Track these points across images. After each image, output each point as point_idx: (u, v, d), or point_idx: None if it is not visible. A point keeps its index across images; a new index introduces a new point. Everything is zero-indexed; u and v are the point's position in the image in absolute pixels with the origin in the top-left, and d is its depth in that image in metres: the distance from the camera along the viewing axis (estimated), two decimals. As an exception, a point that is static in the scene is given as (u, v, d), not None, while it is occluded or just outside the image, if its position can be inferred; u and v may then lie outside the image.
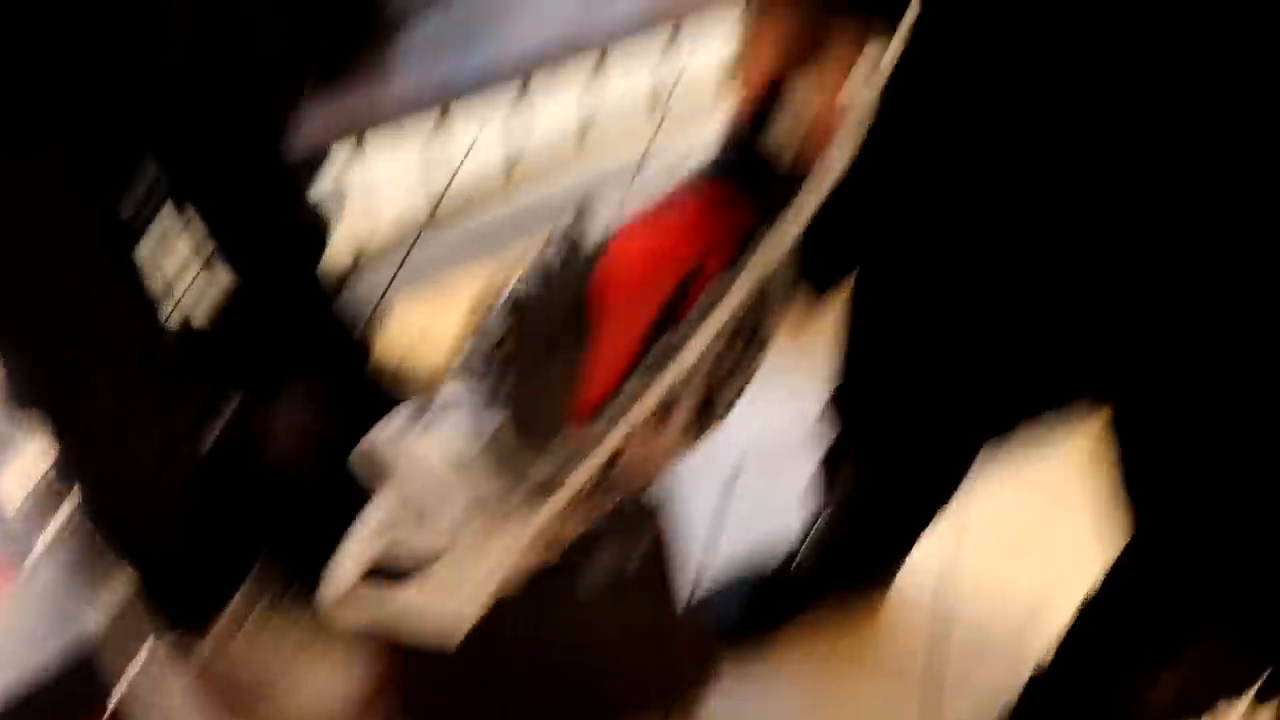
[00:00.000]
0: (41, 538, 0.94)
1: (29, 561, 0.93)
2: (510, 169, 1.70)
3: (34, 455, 0.98)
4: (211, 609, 1.08)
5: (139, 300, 0.89)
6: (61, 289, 0.79)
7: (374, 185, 1.61)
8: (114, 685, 0.91)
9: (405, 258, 1.63)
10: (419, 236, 1.65)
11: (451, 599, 0.74)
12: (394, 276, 1.61)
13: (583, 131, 1.75)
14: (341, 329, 1.25)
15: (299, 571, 1.20)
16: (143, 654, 0.87)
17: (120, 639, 0.91)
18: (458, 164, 1.69)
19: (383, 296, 1.58)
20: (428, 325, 1.55)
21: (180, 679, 0.89)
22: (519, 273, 0.65)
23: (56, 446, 0.89)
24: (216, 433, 1.06)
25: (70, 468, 0.92)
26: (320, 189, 1.22)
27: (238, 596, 1.11)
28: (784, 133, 0.62)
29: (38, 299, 0.79)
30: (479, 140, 1.71)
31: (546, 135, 1.73)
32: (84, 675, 0.90)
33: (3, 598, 0.91)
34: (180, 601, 0.99)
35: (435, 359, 1.44)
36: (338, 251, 1.29)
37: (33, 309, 0.79)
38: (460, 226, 1.68)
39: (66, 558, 0.94)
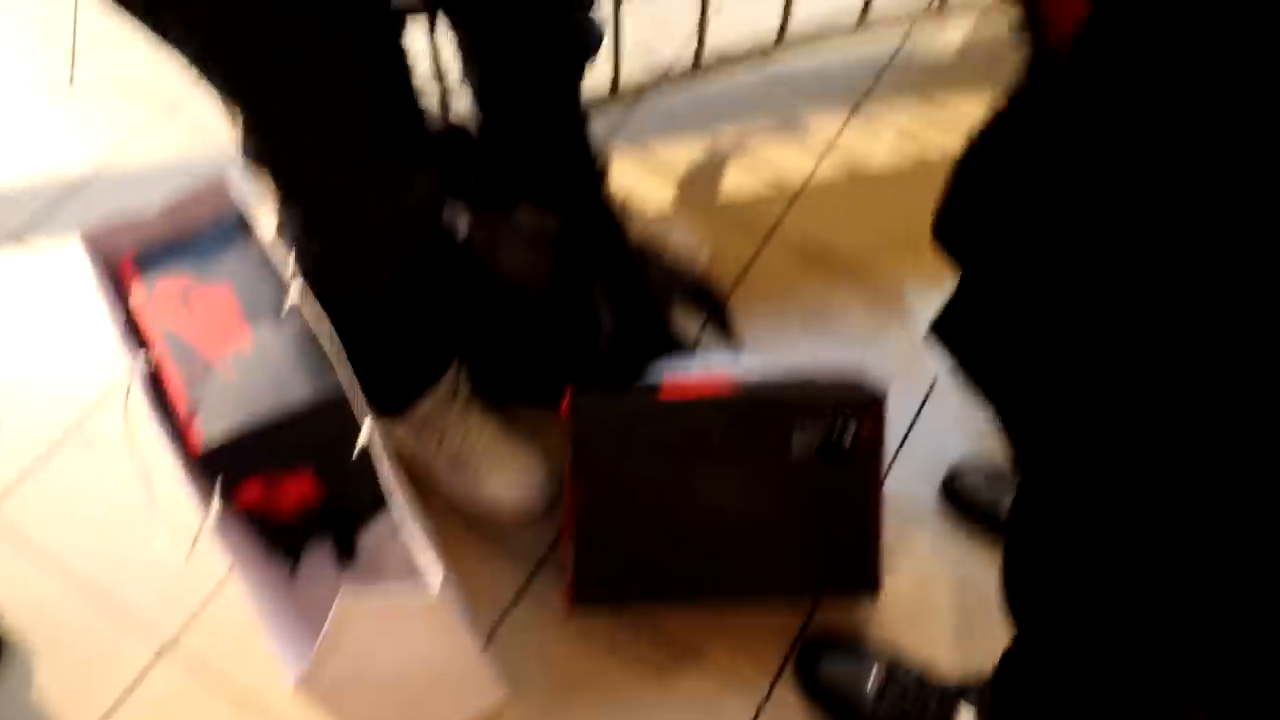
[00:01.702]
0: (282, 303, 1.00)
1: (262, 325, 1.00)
2: (781, 35, 1.62)
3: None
4: (410, 398, 1.14)
5: (395, 77, 0.89)
6: (311, 44, 0.79)
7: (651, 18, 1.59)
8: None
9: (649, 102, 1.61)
10: (672, 81, 1.62)
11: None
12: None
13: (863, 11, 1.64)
14: (583, 153, 1.25)
15: (496, 381, 1.25)
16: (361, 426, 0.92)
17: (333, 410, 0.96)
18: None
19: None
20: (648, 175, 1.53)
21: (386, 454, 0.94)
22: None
23: (287, 207, 0.93)
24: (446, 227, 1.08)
25: (296, 229, 0.96)
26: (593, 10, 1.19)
27: (434, 392, 1.16)
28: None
29: (285, 52, 0.79)
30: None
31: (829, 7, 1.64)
32: (295, 433, 0.97)
33: (233, 357, 0.98)
34: (383, 383, 1.04)
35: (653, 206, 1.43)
36: (595, 77, 1.28)
37: (280, 62, 0.80)
38: (719, 83, 1.63)
39: (295, 328, 0.99)
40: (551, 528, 1.22)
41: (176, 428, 0.96)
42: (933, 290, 1.39)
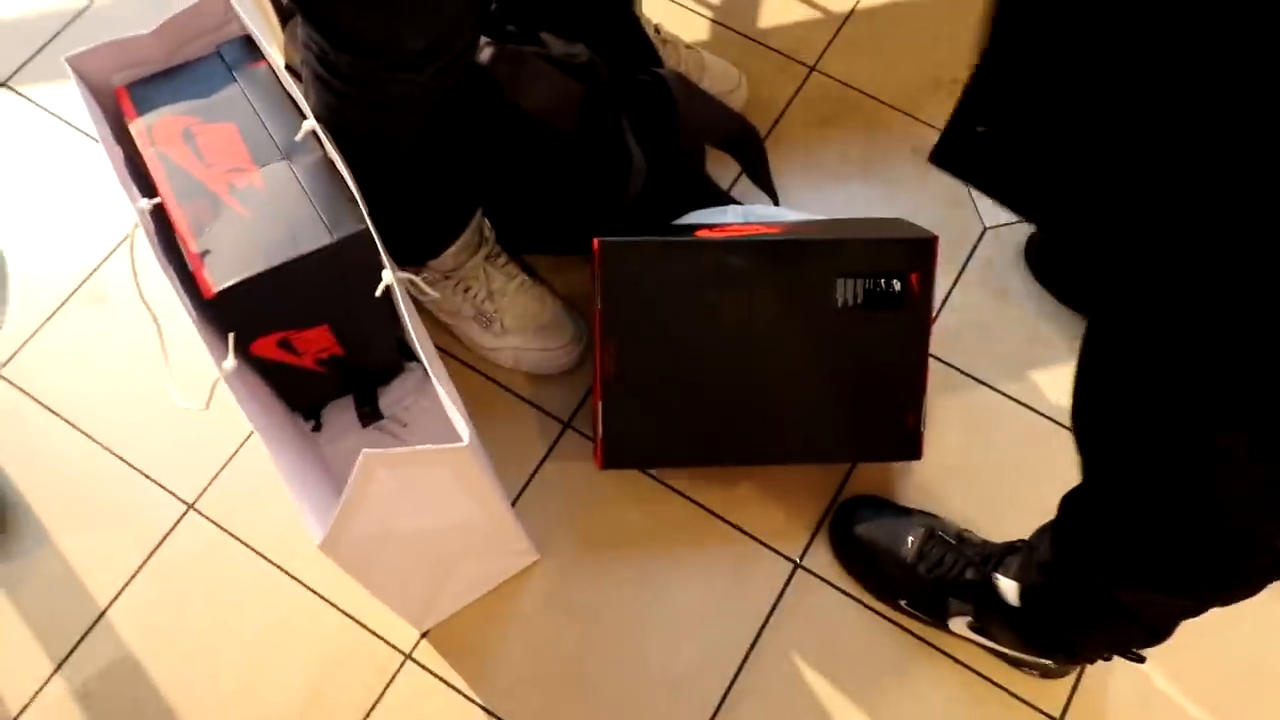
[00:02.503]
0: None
1: (274, 162, 0.92)
2: None
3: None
4: (433, 247, 1.07)
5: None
6: None
7: None
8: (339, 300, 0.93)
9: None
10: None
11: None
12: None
13: None
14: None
15: (523, 229, 1.17)
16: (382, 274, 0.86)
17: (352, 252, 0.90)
18: None
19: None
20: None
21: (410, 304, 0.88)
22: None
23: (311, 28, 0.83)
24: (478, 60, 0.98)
25: (319, 55, 0.86)
26: None
27: (458, 240, 1.09)
28: None
29: None
30: None
31: None
32: (313, 277, 0.91)
33: (245, 192, 0.91)
34: (405, 230, 0.96)
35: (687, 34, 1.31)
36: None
37: None
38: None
39: (309, 165, 0.92)
40: (582, 382, 1.17)
41: (186, 271, 0.90)
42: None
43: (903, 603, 1.04)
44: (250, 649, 1.06)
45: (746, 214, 1.14)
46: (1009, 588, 0.93)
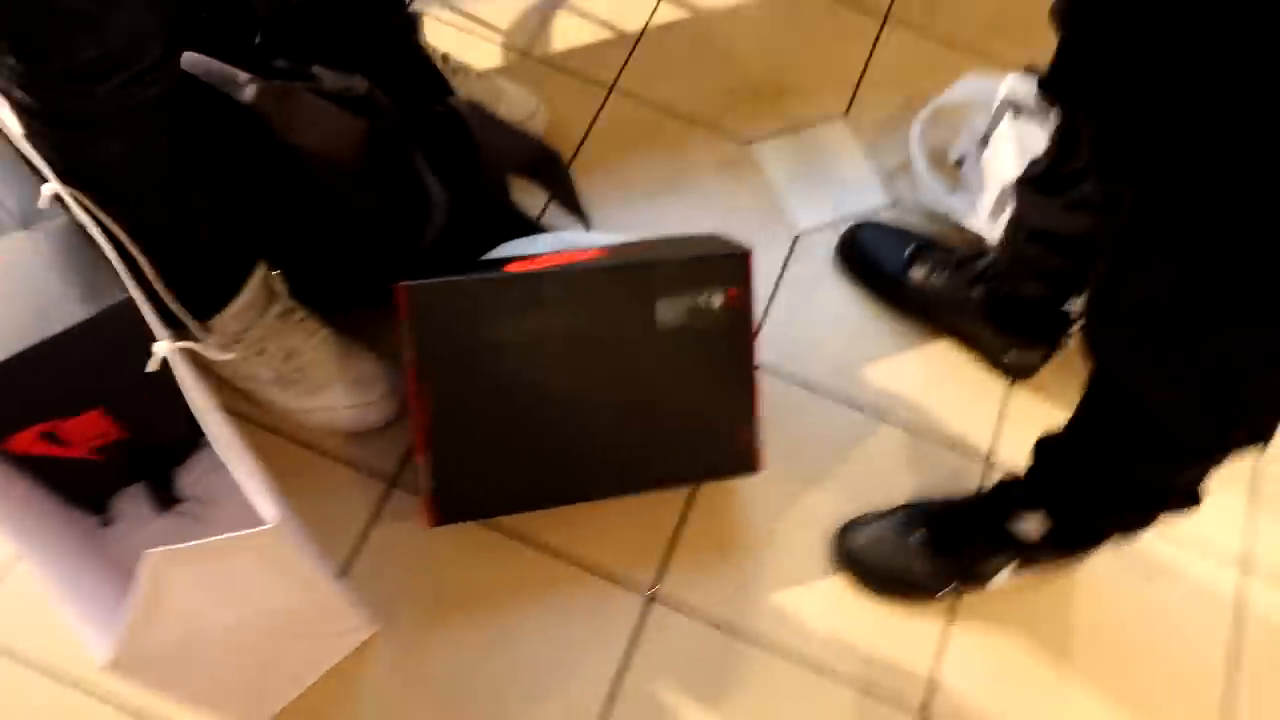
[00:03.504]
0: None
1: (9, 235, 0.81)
2: None
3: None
4: (209, 308, 0.97)
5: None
6: None
7: None
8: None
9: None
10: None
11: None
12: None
13: None
14: (391, 10, 1.07)
15: (317, 283, 1.09)
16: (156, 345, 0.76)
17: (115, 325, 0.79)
18: None
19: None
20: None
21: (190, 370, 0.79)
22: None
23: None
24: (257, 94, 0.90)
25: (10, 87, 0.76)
26: None
27: (239, 299, 1.00)
28: None
29: None
30: None
31: None
32: (71, 360, 0.80)
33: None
34: (178, 292, 0.87)
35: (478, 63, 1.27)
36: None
37: None
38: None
39: (54, 233, 0.81)
40: (403, 437, 1.10)
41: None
42: (785, 136, 1.33)
43: (944, 592, 1.04)
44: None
45: (558, 242, 1.10)
46: (1031, 526, 0.97)
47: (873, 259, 1.22)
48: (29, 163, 0.82)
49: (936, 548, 1.03)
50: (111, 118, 0.76)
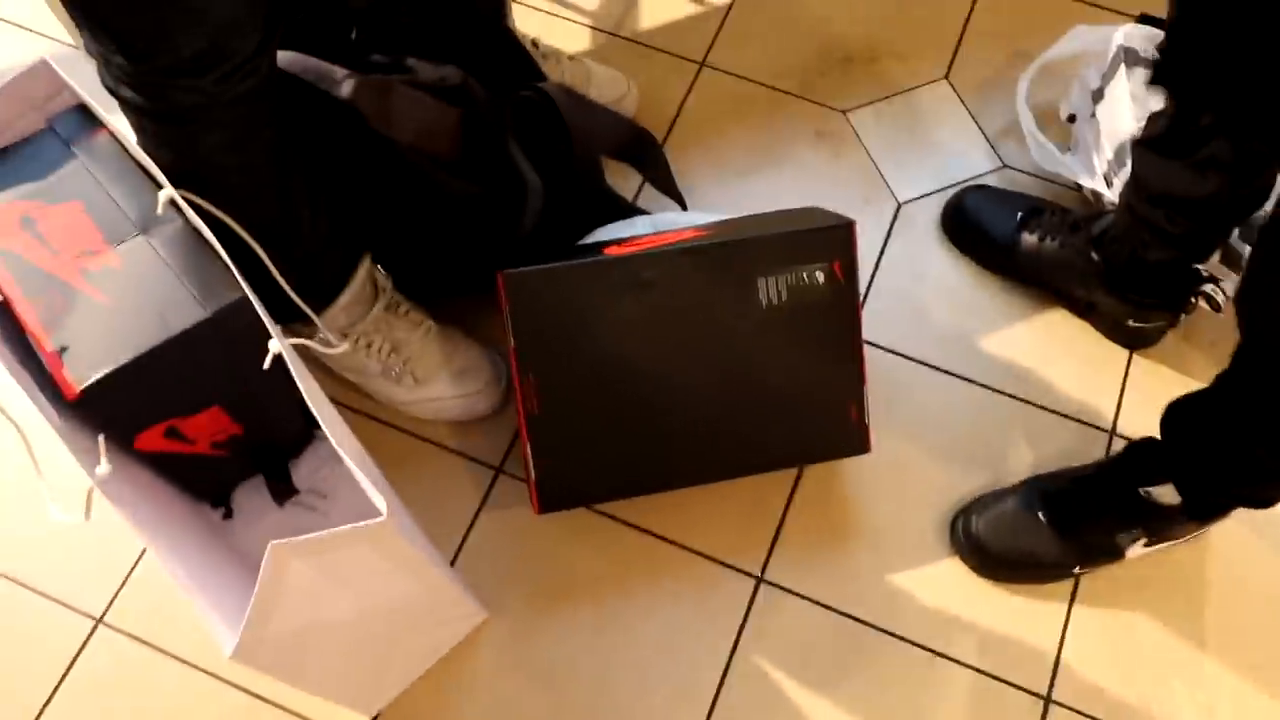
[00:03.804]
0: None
1: (130, 238, 0.83)
2: None
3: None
4: (320, 302, 0.99)
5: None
6: None
7: None
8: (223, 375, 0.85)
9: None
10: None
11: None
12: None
13: None
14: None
15: (419, 273, 1.10)
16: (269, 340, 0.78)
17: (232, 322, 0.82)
18: None
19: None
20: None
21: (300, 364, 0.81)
22: None
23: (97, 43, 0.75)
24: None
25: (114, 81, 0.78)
26: None
27: (348, 293, 1.01)
28: None
29: None
30: None
31: None
32: (192, 358, 0.83)
33: (99, 275, 0.82)
34: (298, 286, 0.88)
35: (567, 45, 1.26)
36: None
37: None
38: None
39: (172, 235, 0.83)
40: (510, 424, 1.10)
41: (44, 371, 0.81)
42: (882, 102, 1.29)
43: (1076, 570, 1.01)
44: (186, 767, 0.97)
45: (655, 223, 1.09)
46: (1164, 493, 0.93)
47: (981, 226, 1.17)
48: (145, 170, 0.85)
49: (1063, 525, 0.99)
50: (212, 110, 0.78)
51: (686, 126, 1.28)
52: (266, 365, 0.78)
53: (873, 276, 1.19)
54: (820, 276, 0.97)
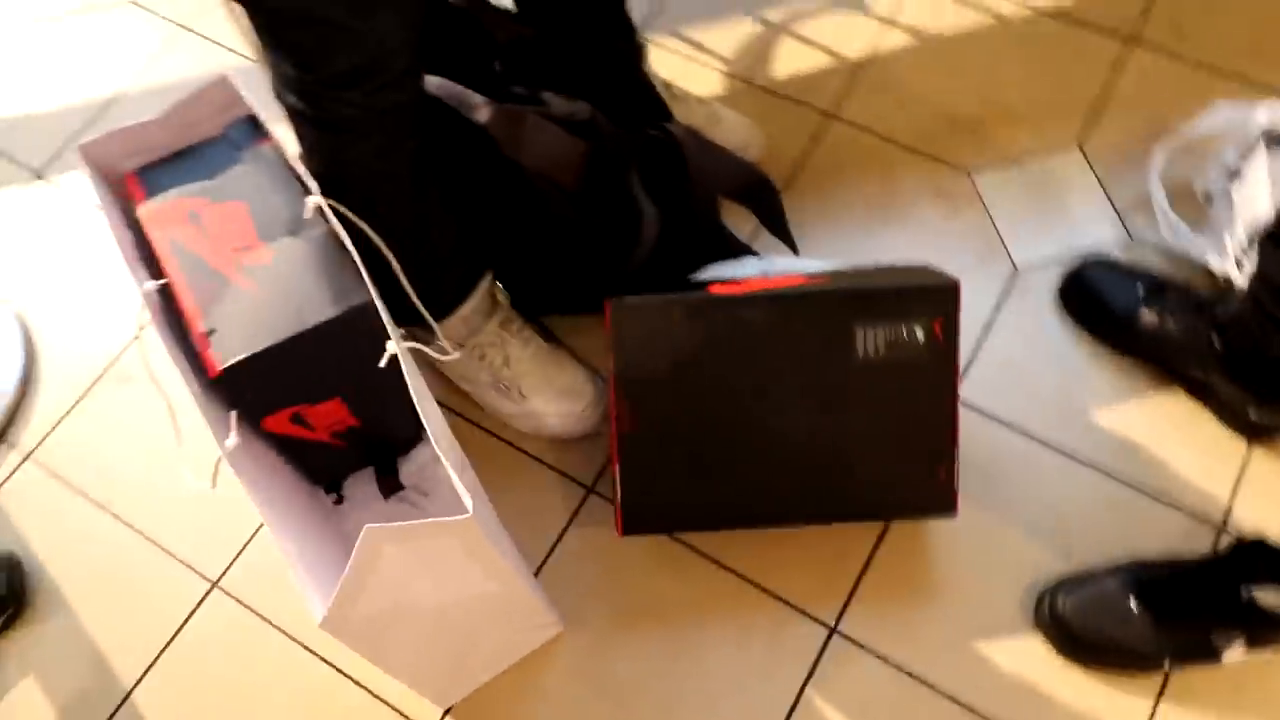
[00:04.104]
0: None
1: (281, 239, 0.92)
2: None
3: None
4: (443, 309, 1.06)
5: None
6: None
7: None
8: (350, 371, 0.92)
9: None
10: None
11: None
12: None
13: None
14: (618, 27, 1.13)
15: (534, 292, 1.16)
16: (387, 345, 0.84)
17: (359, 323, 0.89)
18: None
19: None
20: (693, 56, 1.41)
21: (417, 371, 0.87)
22: None
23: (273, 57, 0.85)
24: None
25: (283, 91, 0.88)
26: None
27: (468, 303, 1.08)
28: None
29: None
30: None
31: None
32: (320, 350, 0.90)
33: (251, 270, 0.91)
34: (415, 293, 0.95)
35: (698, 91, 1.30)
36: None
37: None
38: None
39: (315, 240, 0.92)
40: (604, 447, 1.15)
41: (194, 350, 0.90)
42: (1010, 167, 1.28)
43: (1166, 666, 0.97)
44: (273, 730, 1.04)
45: (764, 265, 1.12)
46: (1270, 596, 0.90)
47: (1101, 298, 1.15)
48: (299, 178, 0.93)
49: (1156, 616, 0.96)
50: (362, 121, 0.87)
51: (808, 175, 1.31)
52: (383, 364, 0.85)
53: (982, 340, 1.18)
54: (920, 335, 0.98)
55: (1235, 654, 0.94)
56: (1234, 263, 1.08)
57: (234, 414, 0.86)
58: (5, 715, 1.06)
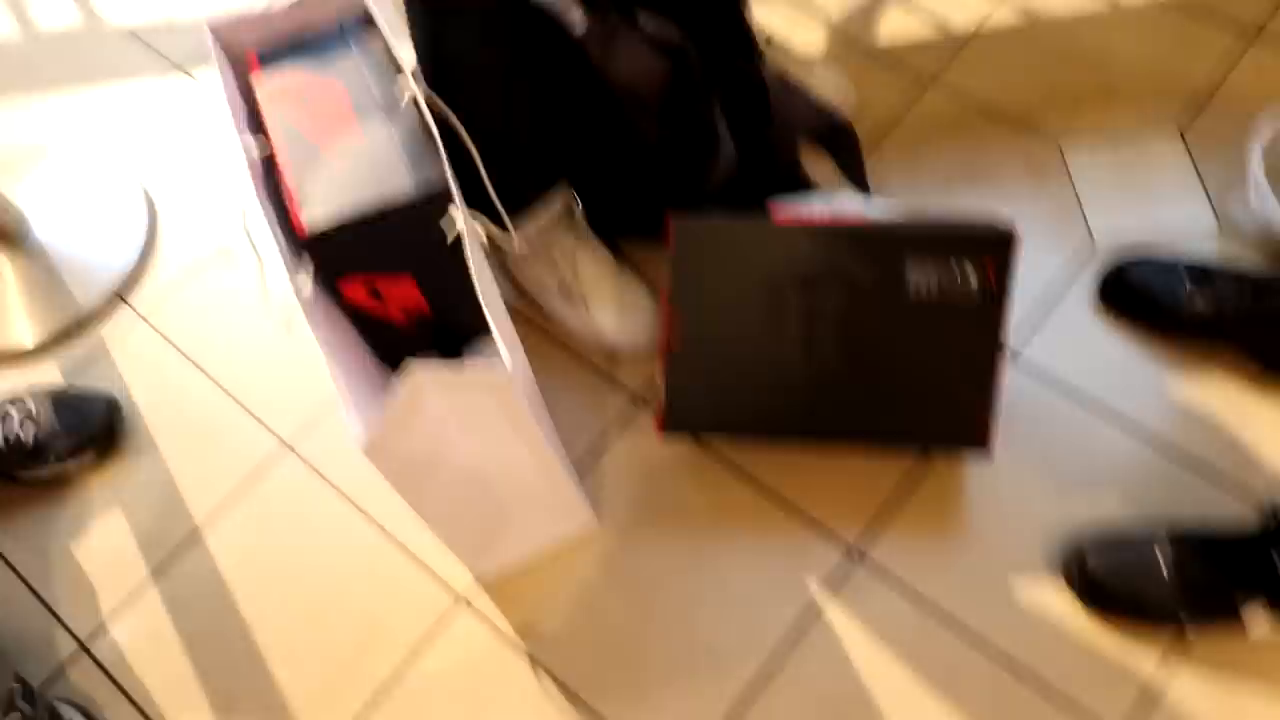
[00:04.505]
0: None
1: (373, 120, 1.00)
2: None
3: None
4: (520, 205, 1.12)
5: None
6: None
7: None
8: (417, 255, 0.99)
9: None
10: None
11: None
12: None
13: None
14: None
15: (609, 210, 1.21)
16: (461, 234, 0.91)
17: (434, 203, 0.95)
18: None
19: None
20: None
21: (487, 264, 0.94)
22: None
23: None
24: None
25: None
26: None
27: (545, 206, 1.13)
28: None
29: None
30: None
31: None
32: (396, 226, 0.97)
33: (342, 147, 0.99)
34: (497, 187, 1.01)
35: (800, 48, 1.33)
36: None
37: None
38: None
39: (406, 125, 0.99)
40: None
41: (285, 215, 0.98)
42: (1101, 145, 1.27)
43: (1185, 620, 0.96)
44: (322, 577, 1.12)
45: (832, 205, 1.14)
46: None
47: (1146, 294, 1.13)
48: (400, 68, 1.01)
49: (1181, 569, 0.95)
50: (464, 12, 0.93)
51: (897, 136, 1.32)
52: (450, 239, 0.92)
53: (1051, 308, 1.17)
54: (973, 277, 0.99)
55: (1257, 619, 0.92)
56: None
57: (313, 267, 0.94)
58: (91, 537, 1.18)
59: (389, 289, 1.07)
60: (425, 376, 0.79)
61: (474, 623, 1.07)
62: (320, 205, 0.96)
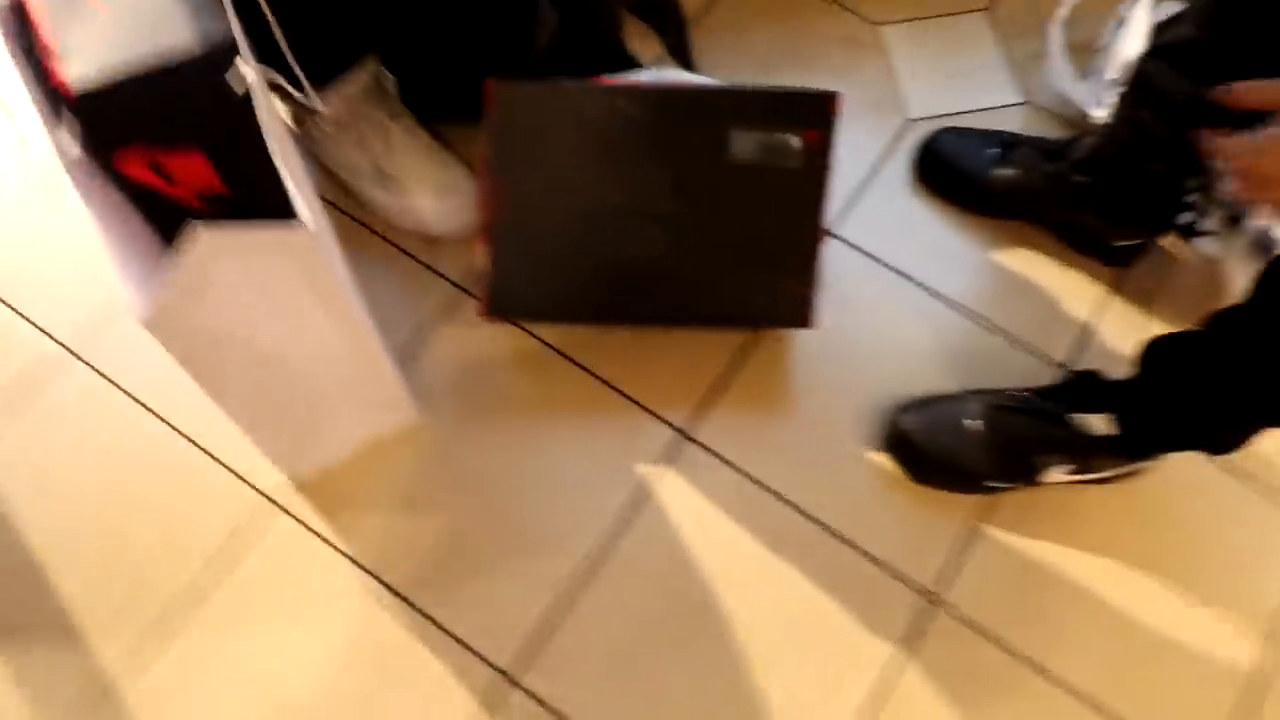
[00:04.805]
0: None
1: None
2: None
3: None
4: (322, 75, 1.03)
5: None
6: None
7: None
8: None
9: None
10: None
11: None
12: None
13: None
14: None
15: (423, 87, 1.14)
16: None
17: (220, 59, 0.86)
18: None
19: None
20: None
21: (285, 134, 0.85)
22: None
23: None
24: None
25: None
26: None
27: (350, 78, 1.05)
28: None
29: None
30: None
31: None
32: (177, 87, 0.87)
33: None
34: (295, 50, 0.93)
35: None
36: None
37: None
38: None
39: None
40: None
41: (43, 72, 0.86)
42: (919, 21, 1.29)
43: (988, 484, 1.01)
44: (117, 491, 1.02)
45: (657, 77, 1.11)
46: (1095, 422, 0.93)
47: (954, 165, 1.16)
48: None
49: (992, 435, 0.99)
50: None
51: (719, 14, 1.30)
52: (239, 93, 0.83)
53: (866, 182, 1.19)
54: (794, 143, 0.98)
55: (1056, 476, 0.98)
56: (1106, 105, 1.11)
57: (79, 128, 0.83)
58: None
59: (178, 168, 0.96)
60: (213, 237, 0.71)
61: (290, 524, 1.01)
62: (85, 60, 0.84)
